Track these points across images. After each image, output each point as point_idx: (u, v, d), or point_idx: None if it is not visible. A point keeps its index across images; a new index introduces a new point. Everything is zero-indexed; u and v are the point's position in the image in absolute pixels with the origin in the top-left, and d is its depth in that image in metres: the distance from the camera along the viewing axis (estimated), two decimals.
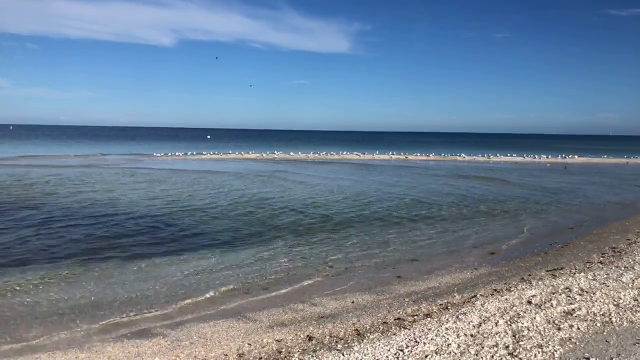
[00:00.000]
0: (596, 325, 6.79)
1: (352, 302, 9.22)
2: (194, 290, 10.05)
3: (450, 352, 6.03)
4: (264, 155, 57.97)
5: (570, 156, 62.98)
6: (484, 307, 7.87)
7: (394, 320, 7.93)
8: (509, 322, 7.00)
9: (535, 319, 7.10)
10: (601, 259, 11.37)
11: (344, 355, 6.28)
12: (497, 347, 6.14)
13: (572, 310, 7.43)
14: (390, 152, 66.76)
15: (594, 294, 8.24)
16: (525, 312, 7.41)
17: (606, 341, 6.23)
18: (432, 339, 6.52)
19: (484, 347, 6.13)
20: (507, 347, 6.12)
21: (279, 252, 13.13)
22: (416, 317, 7.96)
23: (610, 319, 7.00)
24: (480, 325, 6.97)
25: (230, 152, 61.06)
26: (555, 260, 11.82)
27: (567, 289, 8.63)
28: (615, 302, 7.72)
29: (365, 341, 6.85)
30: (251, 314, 8.65)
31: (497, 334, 6.56)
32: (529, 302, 7.94)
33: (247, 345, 7.20)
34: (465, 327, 6.93)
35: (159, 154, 54.82)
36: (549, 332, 6.57)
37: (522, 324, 6.91)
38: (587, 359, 5.74)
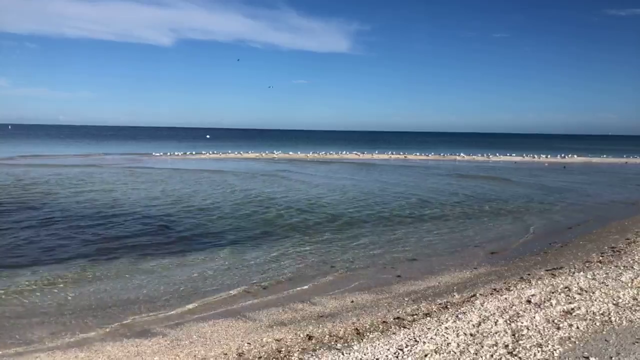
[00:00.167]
0: (595, 324, 6.80)
1: (352, 302, 9.22)
2: (193, 289, 10.05)
3: (449, 351, 6.03)
4: (264, 154, 57.96)
5: (569, 156, 63.02)
6: (483, 306, 7.87)
7: (394, 319, 7.93)
8: (508, 322, 7.01)
9: (534, 318, 7.11)
10: (600, 258, 11.38)
11: (343, 354, 6.28)
12: (496, 346, 6.14)
13: (572, 309, 7.44)
14: (389, 152, 66.78)
15: (594, 293, 8.25)
16: (524, 312, 7.42)
17: (605, 340, 6.24)
18: (431, 338, 6.52)
19: (483, 346, 6.13)
20: (506, 346, 6.13)
21: (280, 252, 13.12)
22: (416, 316, 7.96)
23: (609, 318, 7.01)
24: (479, 324, 6.97)
25: (229, 152, 61.05)
26: (554, 259, 11.83)
27: (566, 288, 8.64)
28: (614, 302, 7.73)
29: (364, 340, 6.84)
30: (251, 314, 8.65)
31: (496, 333, 6.57)
32: (529, 302, 7.95)
33: (246, 344, 7.20)
34: (464, 326, 6.93)
35: (158, 154, 54.78)
36: (549, 331, 6.58)
37: (522, 323, 6.91)
38: (587, 358, 5.74)
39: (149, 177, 30.96)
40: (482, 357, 5.83)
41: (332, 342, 6.97)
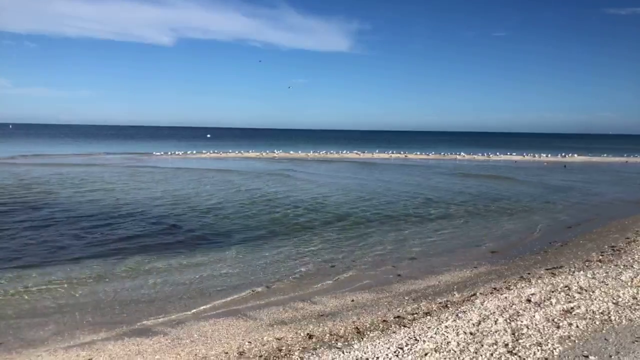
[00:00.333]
0: (595, 323, 6.82)
1: (352, 301, 9.24)
2: (194, 288, 10.08)
3: (449, 350, 6.06)
4: (264, 154, 57.98)
5: (569, 155, 63.02)
6: (483, 305, 7.89)
7: (394, 318, 7.95)
8: (508, 321, 7.03)
9: (534, 317, 7.13)
10: (600, 257, 11.40)
11: (344, 353, 6.31)
12: (496, 345, 6.16)
13: (571, 308, 7.46)
14: (389, 151, 66.79)
15: (593, 292, 8.27)
16: (524, 311, 7.44)
17: (605, 339, 6.26)
18: (431, 337, 6.54)
19: (483, 345, 6.16)
20: (506, 345, 6.15)
21: (281, 251, 13.15)
22: (416, 315, 7.98)
23: (609, 317, 7.03)
24: (479, 323, 7.00)
25: (230, 151, 61.07)
26: (554, 258, 11.85)
27: (566, 287, 8.66)
28: (614, 301, 7.75)
29: (365, 339, 6.86)
30: (252, 312, 8.67)
31: (496, 332, 6.59)
32: (529, 301, 7.97)
33: (247, 343, 7.22)
34: (464, 325, 6.96)
35: (159, 153, 54.79)
36: (548, 330, 6.60)
37: (522, 322, 6.94)
38: (586, 357, 5.76)
39: (152, 176, 30.98)
40: (482, 355, 5.86)
41: (333, 341, 7.00)
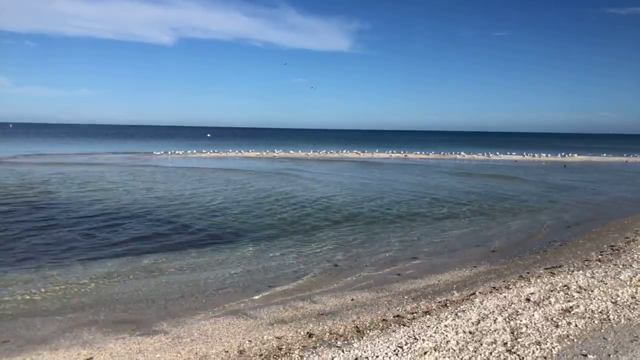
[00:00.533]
0: (594, 322, 6.85)
1: (352, 300, 9.27)
2: (194, 287, 10.11)
3: (449, 349, 6.08)
4: (264, 153, 57.98)
5: (569, 155, 63.04)
6: (482, 304, 7.92)
7: (393, 317, 7.98)
8: (507, 320, 7.06)
9: (533, 316, 7.16)
10: (600, 257, 11.42)
11: (343, 352, 6.33)
12: (495, 344, 6.19)
13: (570, 307, 7.49)
14: (389, 151, 66.81)
15: (592, 291, 8.30)
16: (523, 310, 7.47)
17: (604, 338, 6.28)
18: (431, 336, 6.57)
19: (482, 344, 6.18)
20: (505, 344, 6.18)
21: (282, 251, 13.18)
22: (415, 314, 8.01)
23: (608, 316, 7.06)
24: (479, 322, 7.02)
25: (230, 151, 61.08)
26: (554, 258, 11.87)
27: (565, 286, 8.69)
28: (613, 300, 7.78)
29: (364, 338, 6.89)
30: (252, 311, 8.70)
31: (495, 331, 6.62)
32: (528, 300, 8.00)
33: (247, 342, 7.25)
34: (464, 324, 6.98)
35: (159, 152, 54.80)
36: (547, 329, 6.62)
37: (521, 321, 6.96)
38: (585, 356, 5.79)
39: (156, 176, 30.97)
40: (481, 354, 5.88)
41: (333, 340, 7.02)
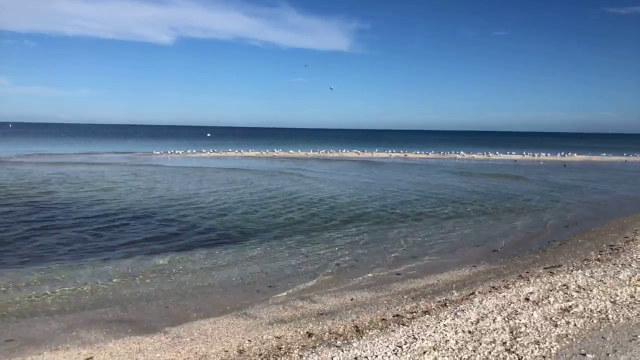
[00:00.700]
0: (593, 322, 6.86)
1: (352, 299, 9.28)
2: (194, 286, 10.12)
3: (448, 349, 6.09)
4: (264, 153, 57.99)
5: (569, 154, 63.06)
6: (482, 304, 7.93)
7: (393, 317, 7.99)
8: (506, 319, 7.07)
9: (532, 315, 7.17)
10: (599, 256, 11.44)
11: (343, 351, 6.34)
12: (494, 343, 6.20)
13: (569, 307, 7.50)
14: (389, 150, 66.80)
15: (591, 291, 8.31)
16: (522, 309, 7.48)
17: (602, 337, 6.30)
18: (430, 336, 6.58)
19: (481, 344, 6.20)
20: (504, 343, 6.19)
21: (283, 250, 13.20)
22: (415, 314, 8.02)
23: (606, 315, 7.07)
24: (478, 322, 7.04)
25: (230, 150, 61.11)
26: (553, 257, 11.88)
27: (564, 286, 8.70)
28: (612, 299, 7.80)
29: (364, 338, 6.90)
30: (251, 311, 8.71)
31: (494, 331, 6.63)
32: (527, 299, 8.01)
33: (247, 341, 7.26)
34: (463, 323, 7.00)
35: (158, 152, 54.78)
36: (546, 328, 6.64)
37: (520, 320, 6.98)
38: (584, 355, 5.80)
39: (159, 176, 30.95)
40: (480, 354, 5.89)
41: (332, 340, 7.03)
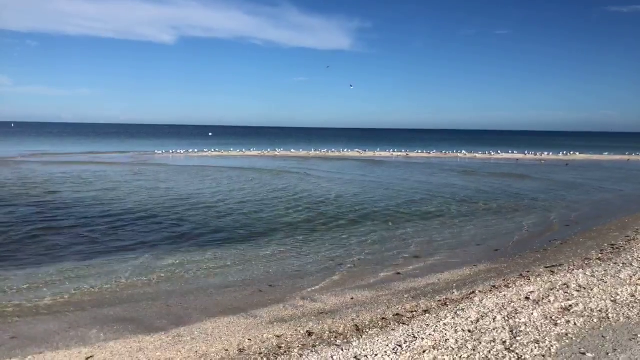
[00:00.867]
0: (593, 321, 6.85)
1: (352, 299, 9.29)
2: (195, 285, 10.13)
3: (448, 348, 6.10)
4: (266, 152, 58.02)
5: (571, 153, 62.96)
6: (482, 303, 7.93)
7: (393, 316, 8.00)
8: (506, 318, 7.07)
9: (532, 314, 7.17)
10: (600, 255, 11.42)
11: (343, 350, 6.35)
12: (494, 342, 6.20)
13: (570, 306, 7.50)
14: (391, 149, 66.73)
15: (592, 290, 8.31)
16: (523, 308, 7.48)
17: (602, 337, 6.29)
18: (430, 335, 6.58)
19: (481, 343, 6.20)
20: (504, 342, 6.19)
21: (286, 250, 13.21)
22: (415, 313, 8.02)
23: (607, 315, 7.06)
24: (478, 321, 7.04)
25: (231, 150, 61.16)
26: (554, 256, 11.88)
27: (565, 285, 8.70)
28: (612, 299, 7.79)
29: (364, 337, 6.91)
30: (252, 310, 8.73)
31: (494, 330, 6.63)
32: (527, 298, 8.01)
33: (247, 340, 7.28)
34: (463, 322, 7.00)
35: (160, 152, 54.84)
36: (546, 327, 6.63)
37: (520, 319, 6.97)
38: (583, 354, 5.80)
39: (159, 175, 31.00)
40: (479, 353, 5.90)
41: (332, 339, 7.04)
